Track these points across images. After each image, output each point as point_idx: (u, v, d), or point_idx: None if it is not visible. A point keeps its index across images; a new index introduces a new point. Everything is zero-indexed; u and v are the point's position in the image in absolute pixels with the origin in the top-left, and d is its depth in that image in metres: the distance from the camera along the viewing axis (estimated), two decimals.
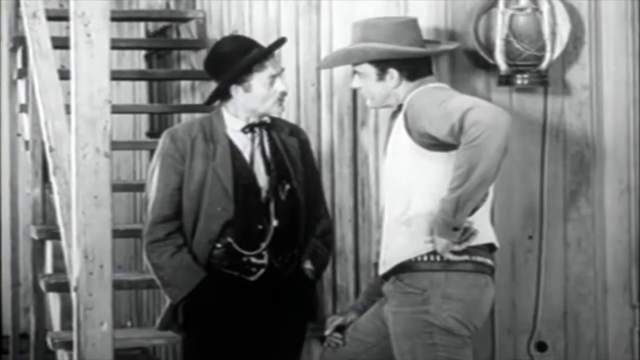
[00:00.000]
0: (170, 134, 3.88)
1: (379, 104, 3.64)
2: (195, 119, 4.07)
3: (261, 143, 3.87)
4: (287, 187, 3.86)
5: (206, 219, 3.81)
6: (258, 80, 3.79)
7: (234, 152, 3.84)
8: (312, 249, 3.93)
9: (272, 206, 3.83)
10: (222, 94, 3.86)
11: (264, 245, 3.82)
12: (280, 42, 3.93)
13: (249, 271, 3.83)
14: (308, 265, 3.91)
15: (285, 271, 3.86)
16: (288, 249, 3.87)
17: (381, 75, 3.57)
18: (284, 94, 3.82)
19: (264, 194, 3.84)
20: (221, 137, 3.85)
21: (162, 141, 3.88)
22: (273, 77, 3.80)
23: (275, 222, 3.83)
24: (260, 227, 3.83)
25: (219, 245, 3.82)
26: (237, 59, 3.79)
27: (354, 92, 4.25)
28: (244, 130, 3.86)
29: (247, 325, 3.84)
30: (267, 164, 3.85)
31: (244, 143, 3.86)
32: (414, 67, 3.57)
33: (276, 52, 3.93)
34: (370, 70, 3.58)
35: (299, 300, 3.90)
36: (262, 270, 3.83)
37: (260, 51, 3.81)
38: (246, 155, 3.85)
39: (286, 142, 3.91)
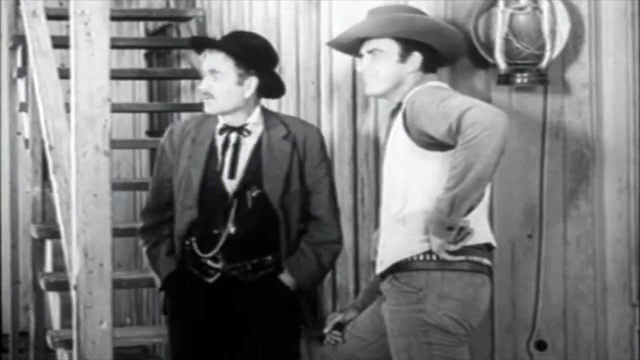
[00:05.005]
0: (170, 127, 3.98)
1: (384, 90, 3.54)
2: (199, 114, 4.08)
3: (236, 145, 3.83)
4: (255, 193, 3.80)
5: (179, 216, 3.87)
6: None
7: (212, 153, 3.84)
8: (296, 259, 3.84)
9: (232, 212, 3.81)
10: None
11: (215, 250, 3.82)
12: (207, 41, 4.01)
13: (207, 273, 3.86)
14: (285, 275, 3.82)
15: (245, 278, 3.83)
16: (248, 256, 3.83)
17: (404, 57, 3.50)
18: (203, 93, 3.81)
19: (230, 198, 3.81)
20: (206, 136, 3.85)
21: (164, 134, 3.98)
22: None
23: (231, 229, 3.80)
24: (215, 231, 3.81)
25: (187, 243, 3.88)
26: None
27: (354, 90, 4.24)
28: (220, 132, 3.86)
29: (212, 324, 3.84)
30: (234, 168, 3.81)
31: (222, 144, 3.85)
32: (434, 57, 3.54)
33: (223, 50, 3.82)
34: (394, 48, 3.50)
35: (275, 307, 3.82)
36: (218, 274, 3.84)
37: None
38: (219, 157, 3.84)
39: (274, 146, 3.82)
